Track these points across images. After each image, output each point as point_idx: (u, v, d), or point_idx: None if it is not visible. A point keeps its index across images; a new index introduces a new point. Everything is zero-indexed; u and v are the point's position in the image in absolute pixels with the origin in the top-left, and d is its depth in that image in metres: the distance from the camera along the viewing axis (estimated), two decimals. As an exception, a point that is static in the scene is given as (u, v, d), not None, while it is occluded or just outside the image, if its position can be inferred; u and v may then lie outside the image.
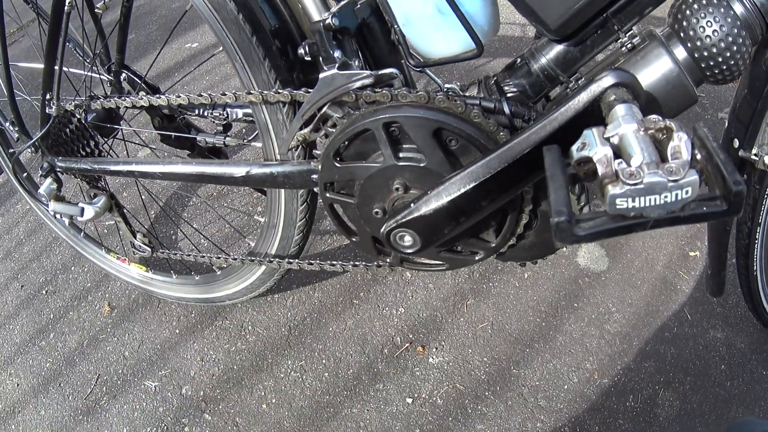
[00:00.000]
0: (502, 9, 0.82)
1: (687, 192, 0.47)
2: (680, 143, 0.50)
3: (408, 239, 0.78)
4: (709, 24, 0.67)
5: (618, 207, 0.48)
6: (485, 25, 0.78)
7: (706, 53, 0.68)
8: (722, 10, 0.67)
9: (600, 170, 0.49)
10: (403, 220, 0.75)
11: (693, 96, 0.71)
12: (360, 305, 1.49)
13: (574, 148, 0.54)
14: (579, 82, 0.79)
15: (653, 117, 0.54)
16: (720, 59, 0.68)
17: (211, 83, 2.50)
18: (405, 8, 0.78)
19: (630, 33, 0.74)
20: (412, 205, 0.75)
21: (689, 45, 0.69)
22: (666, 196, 0.47)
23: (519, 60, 0.83)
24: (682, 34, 0.70)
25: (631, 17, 0.73)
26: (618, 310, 1.37)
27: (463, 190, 0.70)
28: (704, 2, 0.68)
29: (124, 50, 1.28)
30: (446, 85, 0.86)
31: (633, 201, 0.47)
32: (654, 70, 0.70)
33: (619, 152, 0.53)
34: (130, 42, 3.14)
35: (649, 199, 0.47)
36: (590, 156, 0.50)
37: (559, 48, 0.78)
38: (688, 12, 0.69)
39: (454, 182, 0.70)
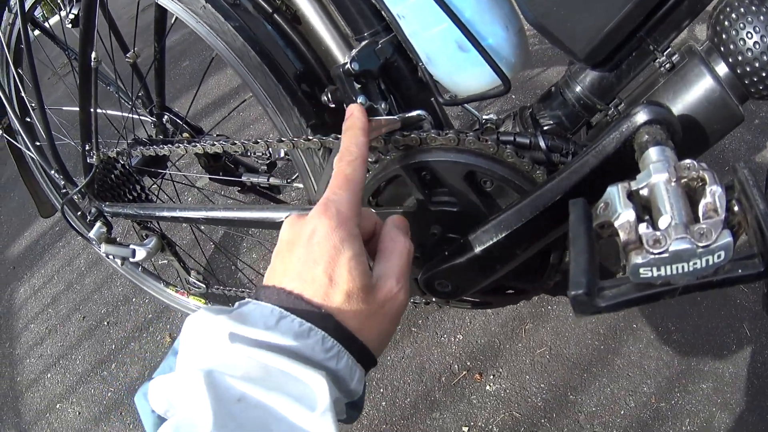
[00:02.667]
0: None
1: (719, 257, 0.45)
2: (714, 200, 0.48)
3: (446, 286, 0.79)
4: (749, 35, 0.63)
5: (642, 276, 0.47)
6: (512, 58, 0.77)
7: (748, 68, 0.64)
8: (762, 17, 0.62)
9: (622, 236, 0.49)
10: (438, 268, 0.76)
11: (738, 115, 0.67)
12: (418, 333, 1.52)
13: (597, 207, 0.54)
14: (618, 108, 0.78)
15: (687, 162, 0.53)
16: (764, 73, 0.64)
17: (260, 113, 2.55)
18: (425, 47, 0.78)
19: (668, 51, 0.71)
20: (446, 253, 0.76)
21: (730, 60, 0.65)
22: (695, 263, 0.46)
23: (554, 89, 0.82)
24: (722, 48, 0.65)
25: (667, 34, 0.70)
26: (677, 329, 1.35)
27: (495, 240, 0.70)
28: (742, 10, 0.63)
29: (163, 93, 1.34)
30: (484, 117, 0.86)
31: (658, 270, 0.46)
32: (695, 92, 0.67)
33: (648, 205, 0.52)
34: (185, 69, 3.27)
35: (677, 267, 0.46)
36: (612, 221, 0.50)
37: (593, 74, 0.76)
38: (726, 23, 0.64)
39: (485, 231, 0.71)
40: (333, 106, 0.84)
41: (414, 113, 0.78)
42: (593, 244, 0.52)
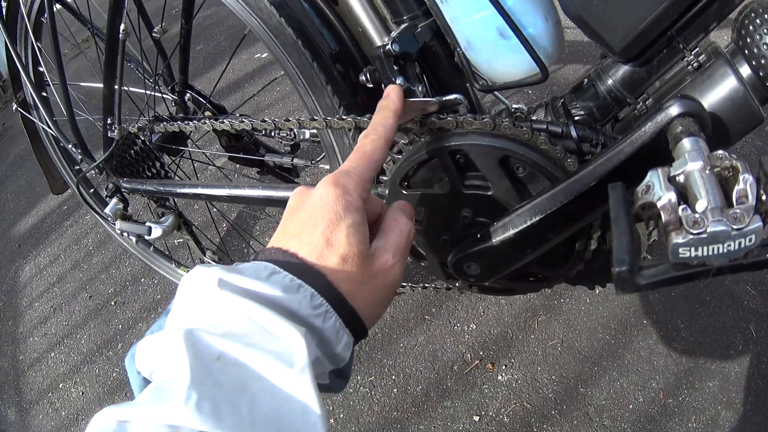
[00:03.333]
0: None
1: (750, 240, 0.50)
2: (746, 187, 0.52)
3: (475, 269, 0.83)
4: (771, 40, 0.67)
5: (681, 256, 0.51)
6: (549, 48, 0.81)
7: (771, 72, 0.68)
8: (783, 26, 0.66)
9: (664, 217, 0.52)
10: (469, 251, 0.80)
11: (759, 116, 0.71)
12: (432, 321, 1.56)
13: (638, 189, 0.58)
14: (646, 103, 0.82)
15: (720, 153, 0.57)
16: (784, 78, 0.68)
17: (282, 94, 2.59)
18: (466, 32, 0.82)
19: (695, 51, 0.76)
20: (478, 236, 0.80)
21: (753, 63, 0.70)
22: (729, 245, 0.50)
23: (585, 81, 0.86)
24: (746, 51, 0.70)
25: (696, 34, 0.75)
26: (686, 327, 1.40)
27: (529, 223, 0.74)
28: (766, 17, 0.68)
29: (187, 71, 1.37)
30: (514, 106, 0.90)
31: (696, 250, 0.50)
32: (720, 91, 0.71)
33: (684, 191, 0.57)
34: (199, 53, 3.30)
35: (713, 248, 0.50)
36: (654, 202, 0.54)
37: (625, 69, 0.80)
38: (751, 27, 0.69)
39: (520, 214, 0.75)
40: (371, 86, 0.87)
41: (451, 97, 0.82)
42: (633, 225, 0.56)
